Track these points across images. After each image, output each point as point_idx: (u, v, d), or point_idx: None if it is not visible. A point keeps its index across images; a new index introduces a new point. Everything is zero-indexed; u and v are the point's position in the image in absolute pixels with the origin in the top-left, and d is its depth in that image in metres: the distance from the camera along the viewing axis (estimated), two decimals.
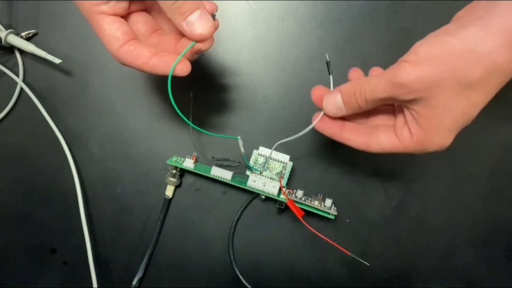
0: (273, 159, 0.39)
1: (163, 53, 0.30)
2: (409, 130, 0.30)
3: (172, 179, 0.40)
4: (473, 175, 0.41)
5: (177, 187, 0.41)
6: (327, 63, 0.33)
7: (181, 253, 0.41)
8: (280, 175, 0.39)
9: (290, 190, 0.39)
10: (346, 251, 0.36)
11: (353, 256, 0.36)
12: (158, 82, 0.41)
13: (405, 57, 0.28)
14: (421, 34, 0.41)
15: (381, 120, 0.33)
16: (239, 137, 0.36)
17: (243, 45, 0.41)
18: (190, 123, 0.33)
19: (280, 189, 0.38)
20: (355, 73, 0.33)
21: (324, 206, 0.37)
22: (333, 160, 0.41)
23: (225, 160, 0.39)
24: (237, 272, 0.39)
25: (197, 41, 0.30)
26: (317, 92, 0.33)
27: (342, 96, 0.31)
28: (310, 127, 0.33)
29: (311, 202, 0.37)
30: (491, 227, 0.40)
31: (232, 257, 0.39)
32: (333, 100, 0.31)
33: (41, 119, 0.41)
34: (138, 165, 0.41)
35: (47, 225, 0.42)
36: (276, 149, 0.39)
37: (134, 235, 0.41)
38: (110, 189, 0.41)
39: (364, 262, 0.37)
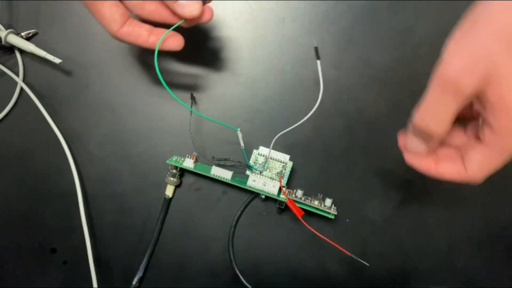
0: (273, 159, 0.39)
1: (158, 31, 0.33)
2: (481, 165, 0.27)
3: (172, 178, 0.40)
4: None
5: (177, 187, 0.41)
6: (316, 49, 0.33)
7: (181, 253, 0.41)
8: (280, 174, 0.39)
9: (290, 190, 0.39)
10: (346, 251, 0.36)
11: (353, 256, 0.36)
12: (158, 81, 0.41)
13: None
14: (421, 34, 0.41)
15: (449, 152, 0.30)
16: (238, 129, 0.36)
17: (243, 45, 0.41)
18: (188, 107, 0.34)
19: (280, 189, 0.38)
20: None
21: (324, 206, 0.37)
22: (333, 160, 0.41)
23: (225, 160, 0.39)
24: (237, 272, 0.39)
25: (186, 20, 0.33)
26: (402, 139, 0.31)
27: (425, 142, 0.28)
28: (307, 116, 0.34)
29: (311, 201, 0.37)
30: (491, 227, 0.40)
31: (232, 257, 0.39)
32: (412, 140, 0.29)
33: (41, 119, 0.41)
34: (138, 165, 0.41)
35: (47, 225, 0.42)
36: (276, 149, 0.39)
37: (134, 235, 0.41)
38: (110, 189, 0.41)
39: (364, 262, 0.37)
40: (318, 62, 0.33)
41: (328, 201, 0.38)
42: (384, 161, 0.41)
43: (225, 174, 0.38)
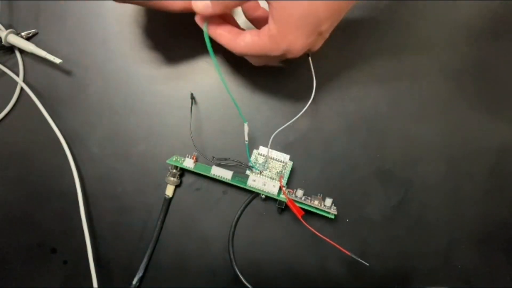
0: (273, 159, 0.39)
1: None
2: (268, 26, 0.31)
3: (172, 178, 0.40)
4: (473, 175, 0.41)
5: (177, 186, 0.41)
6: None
7: (181, 253, 0.41)
8: (280, 174, 0.39)
9: (290, 190, 0.39)
10: (345, 251, 0.36)
11: (353, 256, 0.36)
12: (158, 82, 0.41)
13: None
14: (421, 34, 0.41)
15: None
16: (246, 122, 0.36)
17: None
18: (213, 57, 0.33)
19: (280, 189, 0.38)
20: None
21: (324, 205, 0.37)
22: (333, 160, 0.41)
23: (225, 159, 0.39)
24: (237, 272, 0.39)
25: None
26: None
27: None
28: (301, 112, 0.35)
29: (311, 201, 0.37)
30: (491, 227, 0.40)
31: (232, 256, 0.39)
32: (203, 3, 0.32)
33: (41, 119, 0.41)
34: (138, 165, 0.41)
35: (47, 225, 0.42)
36: (276, 149, 0.39)
37: (134, 235, 0.41)
38: (110, 188, 0.41)
39: (364, 262, 0.37)
40: (310, 58, 0.34)
41: (328, 201, 0.38)
42: (384, 161, 0.41)
43: (225, 174, 0.38)
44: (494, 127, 0.40)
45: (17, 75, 0.41)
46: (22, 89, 0.41)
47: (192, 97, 0.40)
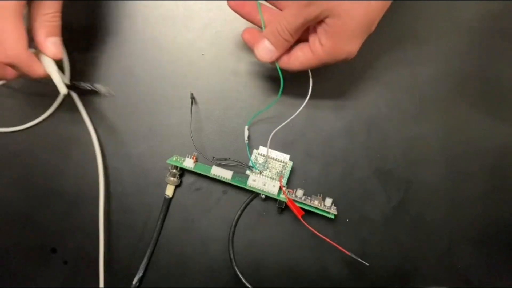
0: (273, 159, 0.39)
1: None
2: (320, 41, 0.32)
3: (172, 178, 0.40)
4: (473, 175, 0.41)
5: (177, 186, 0.41)
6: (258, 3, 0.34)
7: (181, 253, 0.41)
8: (280, 174, 0.39)
9: (290, 190, 0.39)
10: (345, 251, 0.36)
11: (353, 256, 0.36)
12: (159, 82, 0.41)
13: None
14: (421, 34, 0.41)
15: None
16: (247, 126, 0.36)
17: (243, 45, 0.41)
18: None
19: (280, 189, 0.38)
20: (248, 33, 0.35)
21: (324, 205, 0.37)
22: (333, 160, 0.41)
23: (225, 159, 0.39)
24: (237, 272, 0.39)
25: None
26: (249, 33, 0.35)
27: (269, 40, 0.33)
28: (298, 110, 0.35)
29: (311, 201, 0.37)
30: (491, 227, 0.40)
31: (232, 257, 0.39)
32: (263, 46, 0.33)
33: (41, 118, 0.41)
34: (138, 165, 0.41)
35: (47, 225, 0.42)
36: (276, 149, 0.39)
37: (134, 235, 0.41)
38: (110, 188, 0.41)
39: (364, 262, 0.37)
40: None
41: (328, 201, 0.38)
42: (384, 161, 0.41)
43: (225, 174, 0.38)
44: (494, 127, 0.40)
45: None
46: None
47: (192, 97, 0.40)
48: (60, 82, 0.35)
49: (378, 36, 0.41)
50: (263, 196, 0.38)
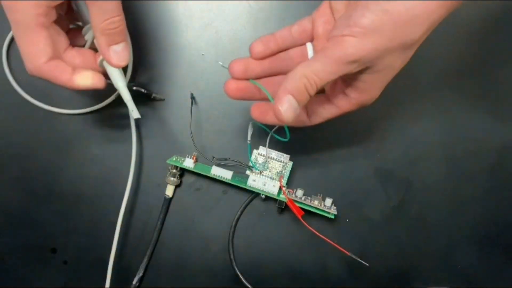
0: (273, 159, 0.39)
1: (80, 70, 0.32)
2: (347, 94, 0.30)
3: (172, 178, 0.40)
4: (473, 175, 0.41)
5: (177, 186, 0.41)
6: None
7: (181, 253, 0.41)
8: (280, 174, 0.39)
9: (290, 190, 0.39)
10: (345, 251, 0.36)
11: (352, 256, 0.36)
12: (158, 82, 0.41)
13: (346, 30, 0.26)
14: None
15: (315, 100, 0.33)
16: (251, 122, 0.36)
17: (243, 45, 0.41)
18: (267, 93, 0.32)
19: (280, 189, 0.38)
20: (258, 109, 0.33)
21: (324, 205, 0.37)
22: (333, 160, 0.41)
23: (225, 159, 0.39)
24: (237, 272, 0.39)
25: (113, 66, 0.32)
26: (257, 109, 0.32)
27: (294, 97, 0.28)
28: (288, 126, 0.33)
29: (311, 201, 0.37)
30: (491, 227, 0.40)
31: (232, 256, 0.40)
32: (288, 105, 0.28)
33: (42, 119, 0.41)
34: (138, 165, 0.41)
35: (47, 225, 0.42)
36: (276, 149, 0.39)
37: (134, 235, 0.41)
38: (110, 188, 0.41)
39: (364, 262, 0.37)
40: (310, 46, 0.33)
41: (328, 201, 0.38)
42: (384, 161, 0.41)
43: (225, 174, 0.38)
44: (494, 127, 0.40)
45: None
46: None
47: (192, 97, 0.40)
48: (133, 105, 0.33)
49: None
50: (263, 196, 0.38)
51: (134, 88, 0.38)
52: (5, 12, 0.29)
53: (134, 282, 0.40)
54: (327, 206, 0.37)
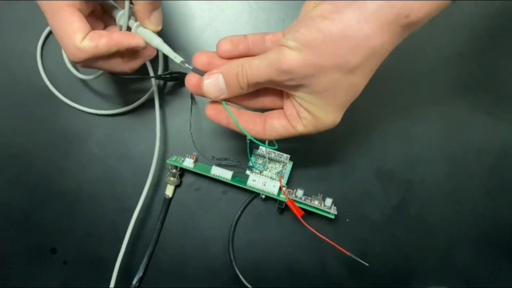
0: (273, 159, 0.39)
1: (120, 31, 0.32)
2: (299, 115, 0.30)
3: (172, 178, 0.40)
4: (473, 175, 0.41)
5: (177, 186, 0.41)
6: None
7: (181, 253, 0.41)
8: (280, 174, 0.39)
9: (290, 190, 0.39)
10: (345, 251, 0.36)
11: (352, 256, 0.36)
12: (159, 82, 0.41)
13: (283, 41, 0.27)
14: (421, 34, 0.41)
15: (269, 101, 0.33)
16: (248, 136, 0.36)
17: None
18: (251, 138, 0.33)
19: (280, 189, 0.38)
20: (224, 46, 0.31)
21: (324, 205, 0.37)
22: (333, 160, 0.41)
23: (225, 159, 0.39)
24: (237, 272, 0.39)
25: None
26: (192, 79, 0.31)
27: (224, 77, 0.29)
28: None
29: (311, 201, 0.37)
30: (491, 227, 0.40)
31: (232, 256, 0.40)
32: (215, 82, 0.30)
33: (42, 119, 0.41)
34: (138, 165, 0.41)
35: (47, 225, 0.42)
36: (276, 149, 0.39)
37: (134, 235, 0.41)
38: (110, 188, 0.41)
39: (363, 263, 0.37)
40: None
41: (328, 201, 0.38)
42: (384, 161, 0.41)
43: (225, 174, 0.38)
44: (494, 127, 0.40)
45: None
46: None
47: (192, 97, 0.40)
48: (171, 51, 0.33)
49: None
50: (263, 196, 0.38)
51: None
52: (38, 3, 0.30)
53: (134, 282, 0.40)
54: (327, 206, 0.37)
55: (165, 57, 0.40)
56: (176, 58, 0.32)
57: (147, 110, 0.41)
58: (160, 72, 0.40)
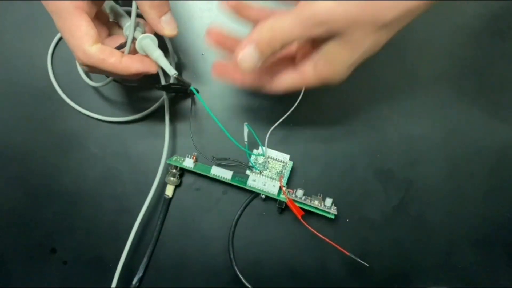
0: (273, 159, 0.39)
1: (130, 55, 0.32)
2: (314, 65, 0.29)
3: (172, 178, 0.40)
4: (473, 175, 0.41)
5: (177, 186, 0.41)
6: None
7: (181, 253, 0.41)
8: (280, 174, 0.39)
9: (290, 190, 0.39)
10: (345, 251, 0.36)
11: (352, 256, 0.36)
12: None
13: None
14: (421, 33, 0.41)
15: (282, 66, 0.33)
16: (246, 123, 0.36)
17: None
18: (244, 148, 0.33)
19: (280, 189, 0.38)
20: (218, 68, 0.33)
21: (324, 205, 0.37)
22: (333, 160, 0.41)
23: (225, 159, 0.39)
24: (237, 272, 0.39)
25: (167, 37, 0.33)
26: (218, 67, 0.33)
27: (257, 47, 0.28)
28: (292, 108, 0.34)
29: (311, 201, 0.37)
30: (491, 227, 0.40)
31: (232, 256, 0.39)
32: (249, 52, 0.28)
33: (42, 119, 0.41)
34: (138, 165, 0.41)
35: (47, 225, 0.42)
36: (276, 149, 0.39)
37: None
38: (110, 189, 0.41)
39: (363, 263, 0.37)
40: None
41: (328, 201, 0.38)
42: (384, 161, 0.41)
43: (225, 174, 0.38)
44: (494, 127, 0.40)
45: None
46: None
47: (195, 90, 0.39)
48: (168, 64, 0.32)
49: None
50: (263, 196, 0.38)
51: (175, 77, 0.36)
52: (45, 5, 0.30)
53: (134, 282, 0.40)
54: (327, 206, 0.37)
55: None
56: (170, 70, 0.33)
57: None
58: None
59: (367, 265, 0.37)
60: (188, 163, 0.38)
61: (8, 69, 0.42)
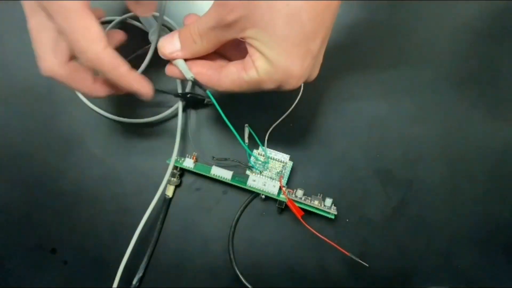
0: (273, 159, 0.39)
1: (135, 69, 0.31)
2: (252, 61, 0.28)
3: (172, 178, 0.40)
4: (473, 175, 0.41)
5: (177, 186, 0.41)
6: None
7: (181, 253, 0.41)
8: (280, 174, 0.39)
9: (290, 190, 0.39)
10: (345, 252, 0.36)
11: (352, 256, 0.36)
12: (158, 82, 0.41)
13: None
14: (421, 33, 0.41)
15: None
16: (246, 125, 0.36)
17: None
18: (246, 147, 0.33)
19: (280, 189, 0.38)
20: (189, 18, 0.31)
21: (324, 205, 0.37)
22: (333, 160, 0.41)
23: (225, 159, 0.39)
24: (237, 272, 0.39)
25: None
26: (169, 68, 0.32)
27: (179, 36, 0.30)
28: (292, 107, 0.34)
29: (311, 201, 0.37)
30: (491, 227, 0.40)
31: (232, 257, 0.39)
32: (170, 39, 0.30)
33: (41, 119, 0.41)
34: (138, 165, 0.41)
35: (47, 225, 0.42)
36: (276, 149, 0.39)
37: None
38: (110, 189, 0.41)
39: (363, 263, 0.37)
40: None
41: (328, 201, 0.38)
42: (384, 161, 0.41)
43: (225, 174, 0.38)
44: (494, 127, 0.40)
45: None
46: None
47: (183, 96, 0.39)
48: (186, 67, 0.31)
49: (377, 35, 0.41)
50: (263, 196, 0.38)
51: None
52: (46, 6, 0.27)
53: (134, 282, 0.40)
54: (327, 206, 0.37)
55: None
56: (187, 74, 0.32)
57: None
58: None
59: (367, 265, 0.37)
60: (188, 163, 0.38)
61: (8, 69, 0.42)
